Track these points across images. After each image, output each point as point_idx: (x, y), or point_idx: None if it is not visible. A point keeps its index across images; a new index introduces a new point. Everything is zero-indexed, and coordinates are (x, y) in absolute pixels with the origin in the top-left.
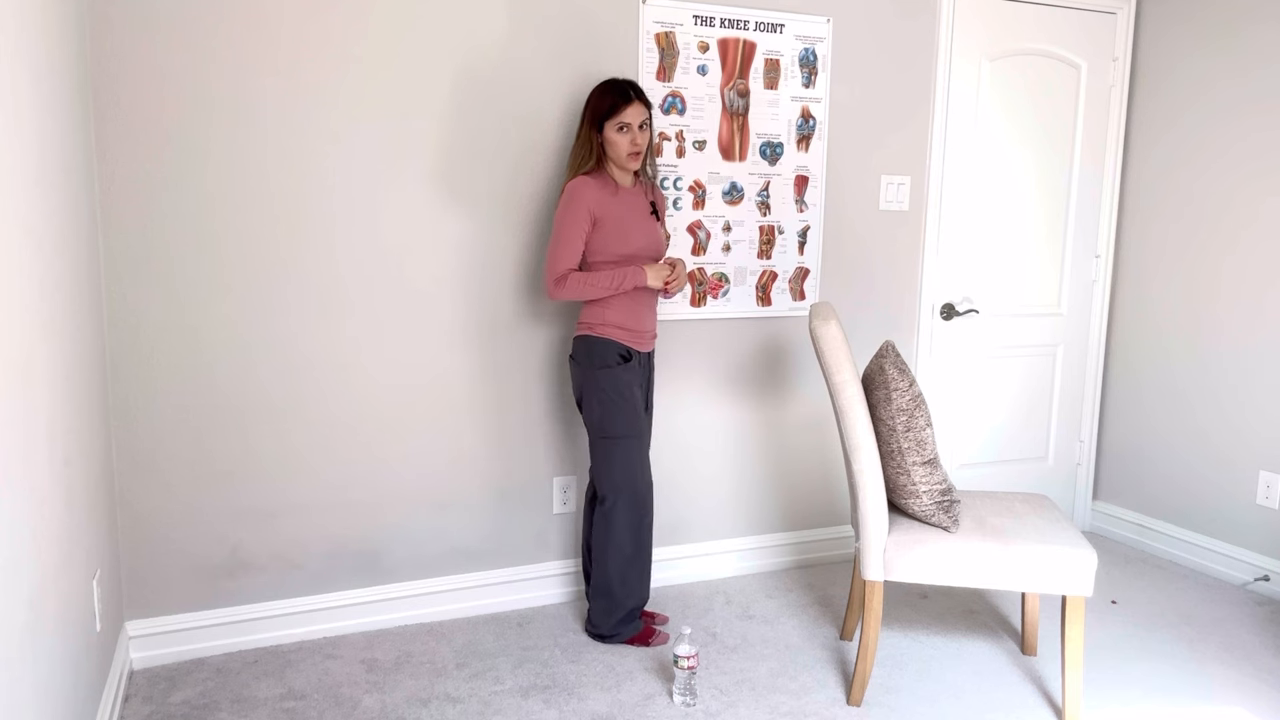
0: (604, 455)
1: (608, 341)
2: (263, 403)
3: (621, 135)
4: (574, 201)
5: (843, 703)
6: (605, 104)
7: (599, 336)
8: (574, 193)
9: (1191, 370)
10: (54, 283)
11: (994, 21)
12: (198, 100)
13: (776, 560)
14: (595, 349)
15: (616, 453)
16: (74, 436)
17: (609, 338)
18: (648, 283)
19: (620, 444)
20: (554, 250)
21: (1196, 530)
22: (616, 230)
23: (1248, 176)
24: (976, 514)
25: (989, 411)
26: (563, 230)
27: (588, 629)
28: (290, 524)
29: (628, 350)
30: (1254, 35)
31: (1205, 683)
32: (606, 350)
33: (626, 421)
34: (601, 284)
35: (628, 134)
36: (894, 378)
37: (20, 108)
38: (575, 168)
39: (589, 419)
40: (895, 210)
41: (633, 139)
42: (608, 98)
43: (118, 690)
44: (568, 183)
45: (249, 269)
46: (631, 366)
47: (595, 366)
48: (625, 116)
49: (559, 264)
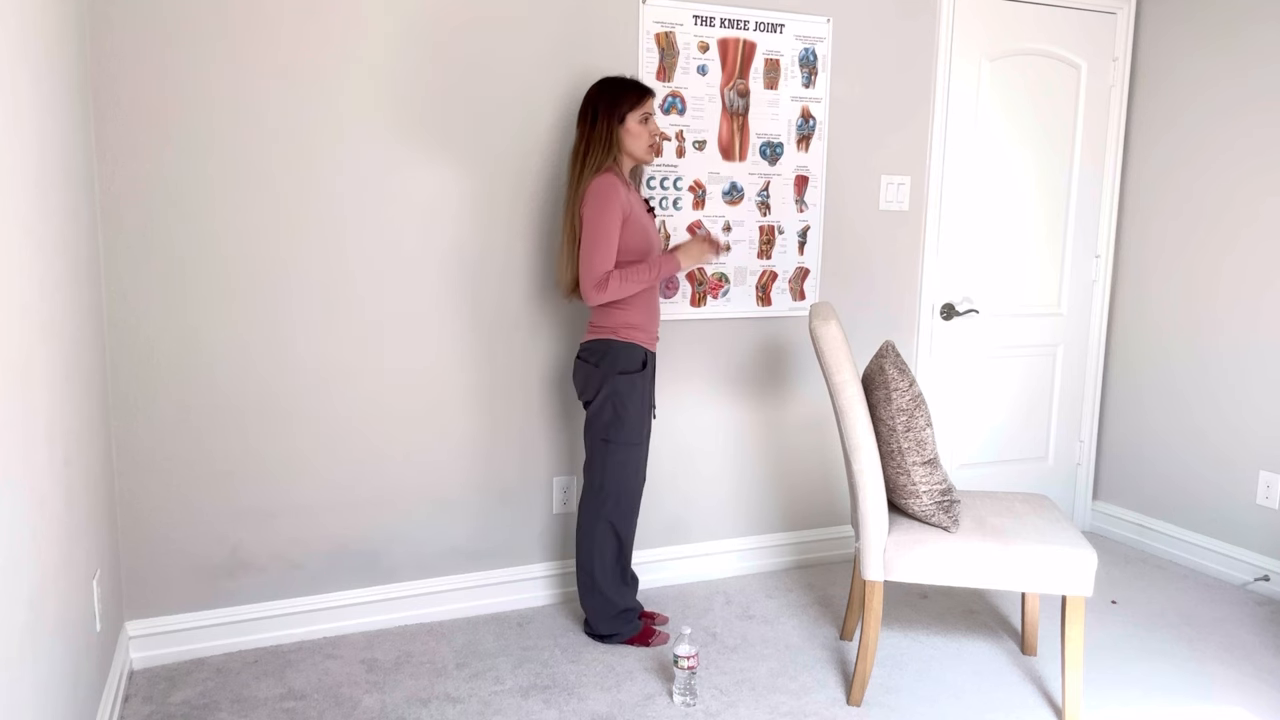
0: (604, 458)
1: (632, 346)
2: (263, 402)
3: (645, 127)
4: (610, 200)
5: (843, 703)
6: (628, 96)
7: (623, 341)
8: (609, 191)
9: (1191, 370)
10: (54, 283)
11: (994, 21)
12: (198, 99)
13: (776, 560)
14: (619, 354)
15: (617, 458)
16: (74, 436)
17: (633, 341)
18: (682, 267)
19: (623, 450)
20: (593, 252)
21: (1196, 530)
22: (640, 227)
23: (1248, 176)
24: (976, 514)
25: (989, 411)
26: (600, 230)
27: (586, 630)
28: (290, 524)
29: (647, 355)
30: (1254, 35)
31: (1205, 683)
32: (631, 355)
33: (635, 431)
34: (641, 277)
35: (649, 125)
36: (894, 378)
37: (20, 107)
38: (595, 165)
39: (597, 420)
40: (895, 210)
41: (653, 130)
42: (629, 90)
43: (118, 690)
44: (593, 181)
45: (249, 269)
46: (648, 374)
47: (616, 371)
48: (649, 108)
49: (600, 265)
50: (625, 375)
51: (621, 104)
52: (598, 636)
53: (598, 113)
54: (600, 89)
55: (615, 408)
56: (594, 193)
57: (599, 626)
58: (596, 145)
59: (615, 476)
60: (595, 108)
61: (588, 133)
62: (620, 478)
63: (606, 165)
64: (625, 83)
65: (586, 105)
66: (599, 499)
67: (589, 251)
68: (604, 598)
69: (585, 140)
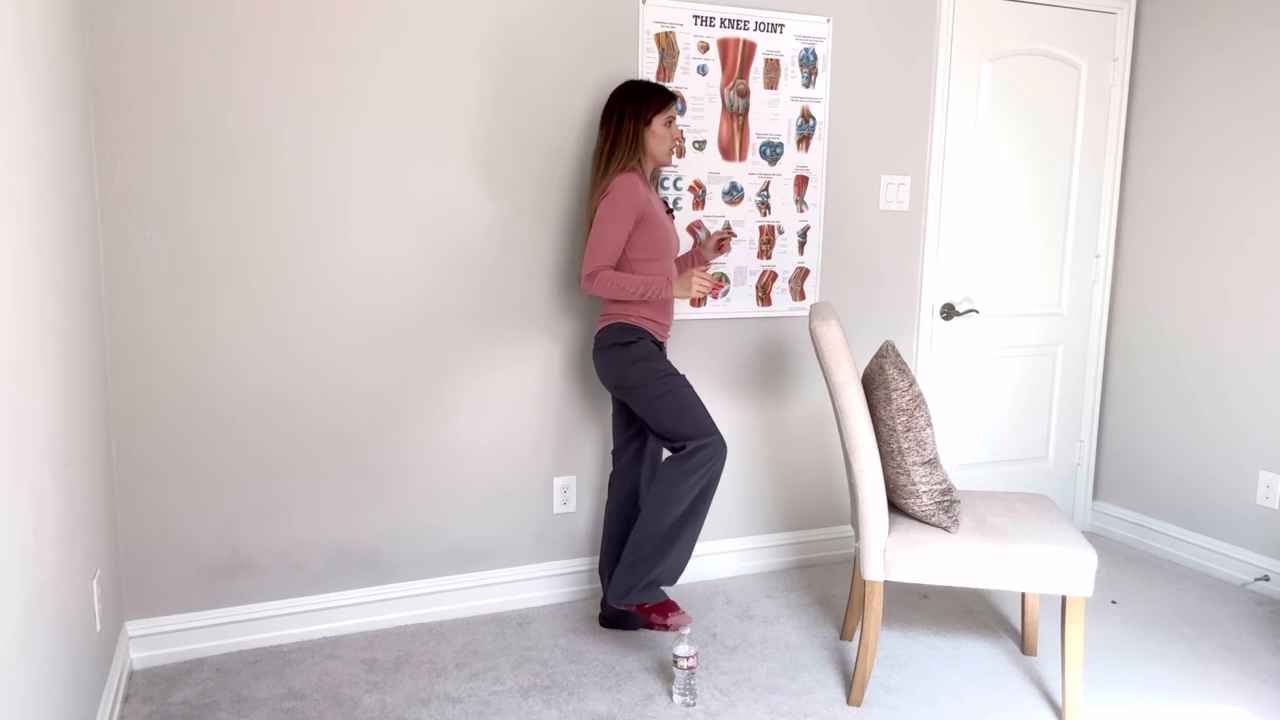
0: (666, 409)
1: (639, 328)
2: (263, 402)
3: (669, 130)
4: (625, 200)
5: (843, 703)
6: (654, 99)
7: (632, 324)
8: (627, 191)
9: (1191, 370)
10: (54, 283)
11: (994, 21)
12: (198, 100)
13: (776, 560)
14: (626, 330)
15: (675, 400)
16: (74, 436)
17: (641, 325)
18: (673, 294)
19: (677, 391)
20: (597, 246)
21: (1197, 530)
22: (659, 227)
23: (1249, 177)
24: (976, 514)
25: (989, 411)
26: (608, 228)
27: (605, 604)
28: (290, 524)
29: (659, 344)
30: (1254, 36)
31: (1205, 683)
32: (639, 332)
33: (669, 373)
34: (630, 289)
35: (672, 129)
36: (894, 378)
37: (20, 107)
38: (619, 165)
39: (635, 388)
40: (895, 210)
41: (675, 134)
42: (655, 93)
43: (118, 690)
44: (614, 179)
45: (250, 268)
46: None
47: (625, 343)
48: (672, 111)
49: (597, 260)
50: (634, 344)
51: (648, 107)
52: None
53: (624, 114)
54: (626, 91)
55: (642, 369)
56: (615, 191)
57: (633, 595)
58: (621, 146)
59: (690, 414)
60: (621, 109)
61: (613, 133)
62: (692, 417)
63: (630, 166)
64: (650, 86)
65: (611, 107)
66: (693, 443)
67: (593, 243)
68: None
69: (610, 141)
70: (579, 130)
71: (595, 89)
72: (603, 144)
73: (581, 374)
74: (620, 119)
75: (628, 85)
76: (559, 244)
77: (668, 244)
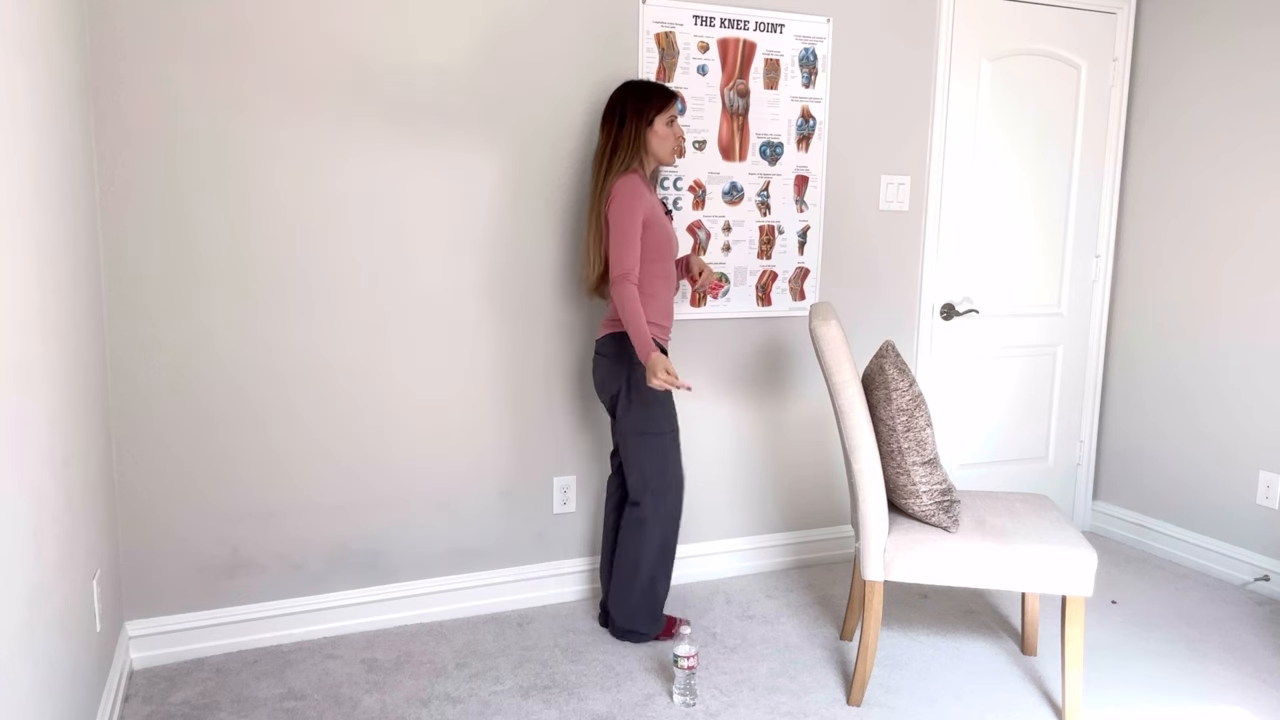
0: (642, 453)
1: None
2: (262, 402)
3: (671, 129)
4: (635, 201)
5: (843, 703)
6: (656, 99)
7: None
8: (634, 192)
9: (1191, 369)
10: (54, 282)
11: (994, 21)
12: (198, 100)
13: (776, 560)
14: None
15: (655, 450)
16: (74, 436)
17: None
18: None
19: (659, 440)
20: (621, 248)
21: (1196, 530)
22: (660, 228)
23: (1248, 175)
24: (976, 514)
25: (989, 411)
26: (626, 228)
27: (616, 631)
28: (290, 524)
29: (662, 347)
30: (1254, 35)
31: (1205, 683)
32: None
33: (666, 417)
34: (632, 321)
35: (674, 128)
36: (894, 378)
37: (20, 107)
38: (621, 166)
39: (624, 417)
40: (895, 210)
41: (677, 133)
42: (657, 93)
43: (118, 690)
44: (617, 181)
45: (250, 268)
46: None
47: (634, 362)
48: (674, 111)
49: (626, 262)
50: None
51: (650, 106)
52: (629, 633)
53: (625, 114)
54: (627, 91)
55: (640, 399)
56: (621, 192)
57: (640, 625)
58: (623, 146)
59: (658, 469)
60: (623, 109)
61: (615, 134)
62: (659, 471)
63: (632, 167)
64: (652, 85)
65: (613, 106)
66: (648, 499)
67: (617, 247)
68: (654, 596)
69: (612, 141)
70: (579, 130)
71: (595, 89)
72: (604, 144)
73: (582, 375)
74: (622, 119)
75: (629, 85)
76: (560, 245)
77: (669, 245)
